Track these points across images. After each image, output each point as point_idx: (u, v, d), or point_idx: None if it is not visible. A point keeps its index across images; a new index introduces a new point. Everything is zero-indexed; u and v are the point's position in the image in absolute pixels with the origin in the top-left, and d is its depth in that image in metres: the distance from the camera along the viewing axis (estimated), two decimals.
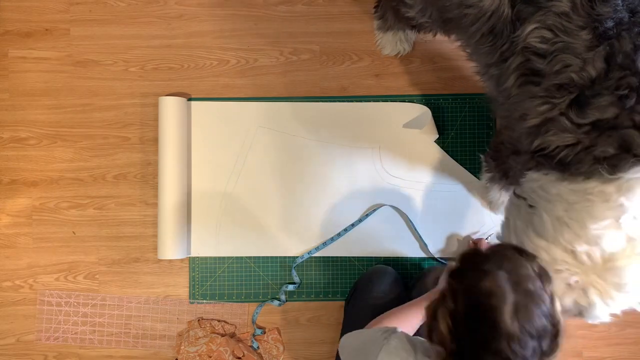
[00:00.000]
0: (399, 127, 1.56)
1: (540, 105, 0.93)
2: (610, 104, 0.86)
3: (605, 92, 0.87)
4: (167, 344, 1.56)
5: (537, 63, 0.93)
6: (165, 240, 1.49)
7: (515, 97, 0.99)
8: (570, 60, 0.89)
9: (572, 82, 0.89)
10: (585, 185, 0.91)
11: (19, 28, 1.59)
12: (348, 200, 1.56)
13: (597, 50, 0.87)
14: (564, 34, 0.90)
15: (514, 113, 1.00)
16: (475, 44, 1.05)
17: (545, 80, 0.92)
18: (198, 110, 1.58)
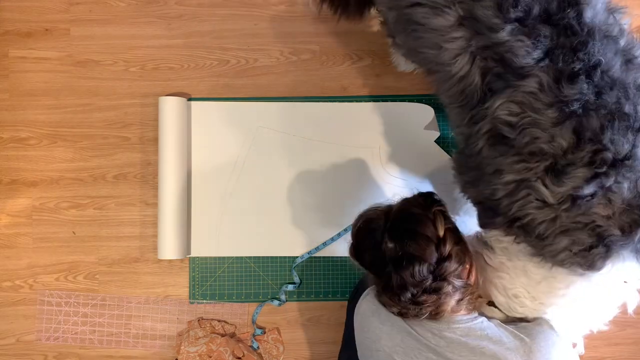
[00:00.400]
0: (399, 127, 1.56)
1: (516, 162, 0.94)
2: (586, 178, 0.87)
3: (579, 162, 0.88)
4: (167, 344, 1.56)
5: (507, 132, 0.95)
6: (165, 240, 1.49)
7: (487, 155, 0.99)
8: (539, 134, 0.91)
9: (543, 151, 0.91)
10: (554, 272, 0.97)
11: (19, 28, 1.59)
12: (348, 200, 1.56)
13: (564, 124, 0.89)
14: (532, 111, 0.91)
15: (486, 168, 1.01)
16: (448, 100, 1.06)
17: (516, 146, 0.94)
18: (198, 110, 1.58)
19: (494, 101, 0.95)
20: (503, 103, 0.94)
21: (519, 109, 0.93)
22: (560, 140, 0.89)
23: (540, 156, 0.91)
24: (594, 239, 0.90)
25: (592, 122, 0.88)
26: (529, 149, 0.92)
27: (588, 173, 0.87)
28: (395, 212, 1.04)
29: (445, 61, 0.98)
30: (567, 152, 0.89)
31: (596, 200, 0.88)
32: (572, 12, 0.90)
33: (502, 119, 0.94)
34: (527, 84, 0.91)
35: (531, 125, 0.92)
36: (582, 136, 0.88)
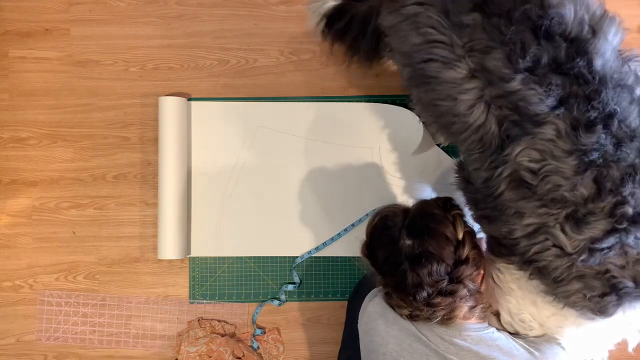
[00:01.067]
0: (399, 127, 1.56)
1: (538, 207, 0.94)
2: (606, 231, 0.88)
3: (599, 212, 0.89)
4: (167, 344, 1.56)
5: (529, 179, 0.95)
6: (165, 240, 1.49)
7: (509, 198, 0.99)
8: (561, 182, 0.92)
9: (565, 199, 0.92)
10: (565, 312, 0.98)
11: (19, 28, 1.59)
12: (348, 200, 1.56)
13: (584, 174, 0.90)
14: (552, 159, 0.92)
15: (506, 210, 1.00)
16: (466, 148, 1.06)
17: (538, 192, 0.94)
18: (198, 110, 1.58)
19: (514, 148, 0.95)
20: (523, 150, 0.94)
21: (540, 156, 0.93)
22: (581, 189, 0.90)
23: (562, 203, 0.92)
24: (607, 288, 0.91)
25: (612, 174, 0.88)
26: (551, 196, 0.93)
27: (608, 226, 0.88)
28: (414, 210, 1.04)
29: (461, 112, 1.00)
30: (587, 201, 0.89)
31: (613, 253, 0.90)
32: (581, 61, 0.90)
33: (524, 165, 0.94)
34: (544, 131, 0.92)
35: (553, 173, 0.92)
36: (603, 186, 0.88)
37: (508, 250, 1.03)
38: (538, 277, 0.99)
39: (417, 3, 1.02)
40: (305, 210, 1.56)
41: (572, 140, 0.90)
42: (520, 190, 0.96)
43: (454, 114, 1.01)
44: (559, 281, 0.95)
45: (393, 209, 1.06)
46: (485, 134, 0.99)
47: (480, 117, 0.98)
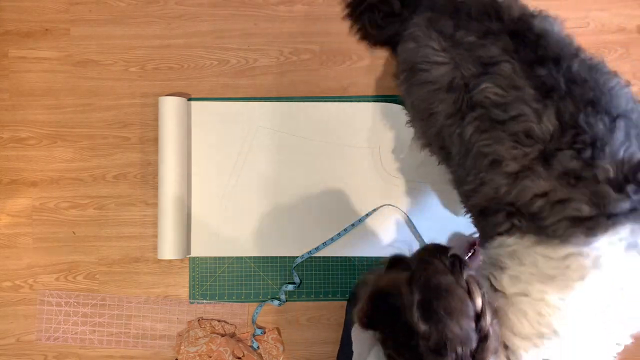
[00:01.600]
0: (399, 127, 1.56)
1: (512, 148, 1.00)
2: (572, 157, 0.95)
3: (564, 146, 0.96)
4: (167, 344, 1.56)
5: (495, 114, 1.03)
6: (165, 240, 1.49)
7: (481, 144, 1.05)
8: (525, 110, 0.99)
9: (534, 133, 0.98)
10: (562, 251, 0.95)
11: (19, 28, 1.59)
12: (348, 200, 1.56)
13: (545, 103, 0.98)
14: (513, 89, 1.02)
15: (483, 161, 1.05)
16: (443, 116, 1.14)
17: (507, 127, 1.01)
18: (198, 110, 1.58)
19: (478, 86, 1.05)
20: (486, 87, 1.04)
21: (502, 90, 1.02)
22: (547, 123, 0.97)
23: (533, 139, 0.98)
24: (590, 205, 0.93)
25: (568, 106, 0.97)
26: (520, 128, 0.99)
27: (572, 153, 0.95)
28: (423, 285, 0.87)
29: (433, 76, 1.13)
30: (553, 137, 0.97)
31: (585, 173, 0.94)
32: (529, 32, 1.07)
33: (490, 99, 1.03)
34: (502, 68, 1.03)
35: (517, 101, 1.00)
36: (563, 120, 0.97)
37: (495, 216, 1.04)
38: (525, 225, 0.99)
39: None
40: (305, 210, 1.56)
41: (527, 73, 1.01)
42: (492, 132, 1.03)
43: (429, 81, 1.13)
44: (543, 217, 0.96)
45: (393, 280, 0.91)
46: (453, 86, 1.10)
47: (448, 74, 1.10)
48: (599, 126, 0.95)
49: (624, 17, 1.59)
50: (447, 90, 1.10)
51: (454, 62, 1.09)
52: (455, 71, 1.09)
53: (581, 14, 1.18)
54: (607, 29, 1.58)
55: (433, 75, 1.12)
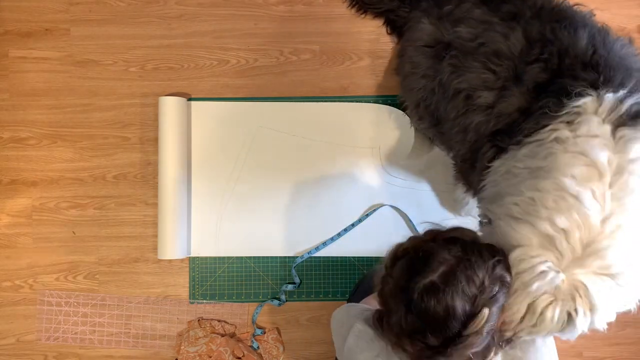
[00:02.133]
0: (399, 127, 1.56)
1: (483, 73, 1.05)
2: (540, 69, 0.99)
3: (532, 60, 1.01)
4: (167, 344, 1.56)
5: (466, 46, 1.10)
6: (165, 240, 1.49)
7: (455, 81, 1.11)
8: (492, 34, 1.07)
9: (502, 52, 1.04)
10: (541, 135, 0.95)
11: (19, 28, 1.59)
12: (348, 200, 1.56)
13: (511, 25, 1.05)
14: (482, 24, 1.10)
15: (459, 102, 1.11)
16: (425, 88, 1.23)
17: (478, 54, 1.07)
18: (198, 110, 1.58)
19: (454, 33, 1.13)
20: (459, 30, 1.12)
21: (473, 28, 1.10)
22: (514, 41, 1.03)
23: (504, 57, 1.03)
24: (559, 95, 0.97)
25: (535, 27, 1.04)
26: (489, 48, 1.06)
27: (540, 65, 1.01)
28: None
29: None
30: (522, 53, 1.02)
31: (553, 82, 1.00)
32: None
33: (462, 37, 1.11)
34: (473, 13, 1.12)
35: (485, 31, 1.08)
36: (530, 38, 1.02)
37: (481, 153, 1.07)
38: (507, 143, 1.02)
39: None
40: (305, 210, 1.56)
41: (494, 12, 1.10)
42: (465, 63, 1.09)
43: (414, 39, 1.23)
44: (523, 130, 0.99)
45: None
46: (434, 40, 1.19)
47: (430, 34, 1.20)
48: (564, 34, 1.00)
49: (624, 17, 1.59)
50: (427, 45, 1.19)
51: (436, 26, 1.19)
52: (437, 32, 1.18)
53: None
54: None
55: (417, 34, 1.22)
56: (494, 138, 1.05)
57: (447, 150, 1.30)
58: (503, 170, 1.01)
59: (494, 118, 1.04)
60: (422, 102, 1.27)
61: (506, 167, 1.01)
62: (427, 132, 1.38)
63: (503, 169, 1.02)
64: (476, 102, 1.07)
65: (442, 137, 1.30)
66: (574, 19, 1.05)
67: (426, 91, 1.24)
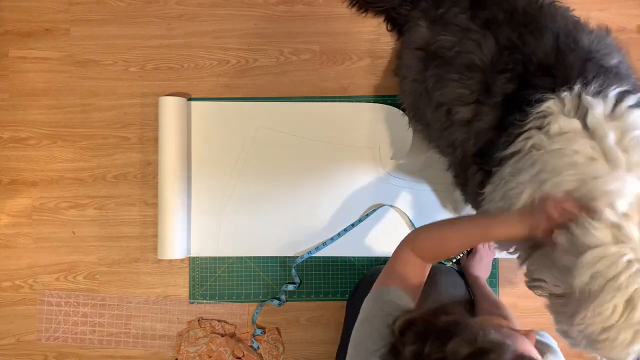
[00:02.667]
0: (399, 127, 1.56)
1: (458, 88, 1.07)
2: (507, 80, 1.00)
3: (500, 69, 1.02)
4: (167, 344, 1.56)
5: (446, 55, 1.11)
6: (165, 240, 1.49)
7: (437, 93, 1.12)
8: (467, 42, 1.08)
9: (474, 64, 1.04)
10: (517, 146, 0.96)
11: (19, 28, 1.59)
12: (348, 200, 1.56)
13: (484, 33, 1.05)
14: (461, 32, 1.10)
15: (441, 114, 1.12)
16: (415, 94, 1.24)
17: (455, 65, 1.08)
18: (198, 110, 1.58)
19: (438, 40, 1.14)
20: (442, 37, 1.13)
21: (453, 36, 1.11)
22: (486, 52, 1.04)
23: (475, 70, 1.05)
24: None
25: (506, 32, 1.04)
26: (464, 59, 1.07)
27: (508, 75, 1.01)
28: None
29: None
30: (493, 63, 1.03)
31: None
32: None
33: (444, 46, 1.12)
34: (458, 20, 1.12)
35: (462, 39, 1.09)
36: (501, 46, 1.03)
37: (471, 172, 1.07)
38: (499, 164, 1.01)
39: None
40: (305, 210, 1.56)
41: (474, 18, 1.10)
42: (444, 75, 1.10)
43: (410, 41, 1.24)
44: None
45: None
46: (424, 44, 1.19)
47: (424, 38, 1.20)
48: (530, 39, 1.01)
49: (624, 17, 1.59)
50: (420, 48, 1.20)
51: (430, 30, 1.19)
52: (429, 36, 1.18)
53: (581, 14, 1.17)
54: None
55: (413, 37, 1.23)
56: (479, 159, 1.04)
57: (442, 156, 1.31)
58: (499, 196, 0.99)
59: (474, 136, 1.05)
60: (414, 106, 1.28)
61: (501, 192, 0.99)
62: (422, 133, 1.38)
63: (498, 195, 1.00)
64: (456, 118, 1.07)
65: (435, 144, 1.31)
66: (542, 20, 1.04)
67: (415, 96, 1.24)
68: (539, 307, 1.58)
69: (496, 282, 1.57)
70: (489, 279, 1.54)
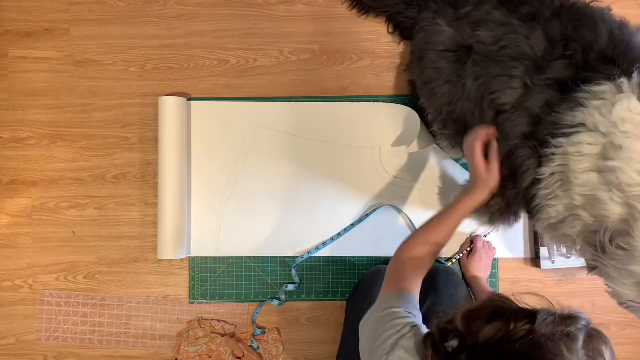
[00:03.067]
0: (399, 127, 1.56)
1: (505, 76, 1.06)
2: (565, 66, 1.00)
3: (558, 58, 1.02)
4: (167, 344, 1.56)
5: (488, 51, 1.11)
6: (165, 240, 1.49)
7: (479, 89, 1.12)
8: (513, 36, 1.07)
9: (524, 54, 1.05)
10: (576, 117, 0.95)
11: (19, 28, 1.59)
12: (348, 200, 1.56)
13: (531, 26, 1.05)
14: (502, 27, 1.10)
15: (482, 102, 1.12)
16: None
17: (500, 58, 1.08)
18: (198, 110, 1.58)
19: (474, 38, 1.14)
20: (480, 34, 1.13)
21: (493, 32, 1.11)
22: (537, 42, 1.04)
23: (523, 59, 1.05)
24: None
25: (555, 27, 1.05)
26: (511, 52, 1.06)
27: (565, 62, 1.02)
28: None
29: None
30: (545, 53, 1.03)
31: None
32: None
33: (484, 42, 1.12)
34: (492, 16, 1.12)
35: (506, 33, 1.09)
36: (552, 39, 1.03)
37: (523, 168, 1.04)
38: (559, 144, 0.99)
39: None
40: (305, 210, 1.56)
41: (513, 13, 1.10)
42: (487, 70, 1.10)
43: (437, 43, 1.24)
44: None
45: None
46: (455, 45, 1.20)
47: (451, 38, 1.21)
48: (586, 31, 1.01)
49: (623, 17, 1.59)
50: (450, 50, 1.19)
51: (456, 29, 1.19)
52: (457, 35, 1.18)
53: None
54: None
55: (437, 38, 1.22)
56: (528, 143, 1.02)
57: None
58: (557, 179, 0.96)
59: (522, 119, 1.03)
60: (446, 108, 1.25)
61: (563, 174, 0.95)
62: (449, 140, 1.33)
63: (558, 177, 0.96)
64: (502, 108, 1.06)
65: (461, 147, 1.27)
66: (594, 16, 1.06)
67: (451, 97, 1.22)
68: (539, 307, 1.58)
69: (496, 282, 1.57)
70: (489, 278, 1.54)
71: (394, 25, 1.54)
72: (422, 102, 1.38)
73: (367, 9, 1.54)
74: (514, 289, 1.57)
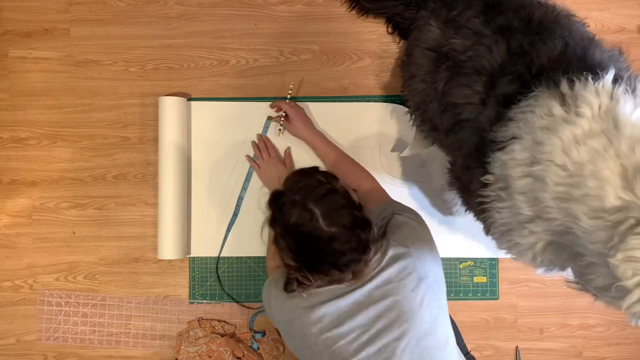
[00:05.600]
0: (399, 127, 1.56)
1: (466, 89, 1.09)
2: (510, 81, 1.02)
3: (507, 74, 1.04)
4: (167, 344, 1.56)
5: (458, 59, 1.13)
6: (165, 240, 1.49)
7: (447, 93, 1.14)
8: (479, 47, 1.09)
9: (484, 68, 1.07)
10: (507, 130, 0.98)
11: (19, 28, 1.59)
12: None
13: (496, 39, 1.07)
14: (474, 36, 1.12)
15: (450, 116, 1.14)
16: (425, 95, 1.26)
17: (465, 69, 1.10)
18: (198, 110, 1.58)
19: (450, 43, 1.15)
20: (455, 41, 1.15)
21: (466, 40, 1.12)
22: (496, 57, 1.06)
23: (483, 73, 1.07)
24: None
25: (518, 38, 1.06)
26: (475, 64, 1.09)
27: (511, 78, 1.03)
28: (316, 200, 1.05)
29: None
30: (502, 67, 1.05)
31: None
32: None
33: (456, 50, 1.14)
34: (470, 24, 1.14)
35: (475, 44, 1.11)
36: (512, 52, 1.05)
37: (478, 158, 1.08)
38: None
39: None
40: None
41: (489, 23, 1.12)
42: (454, 77, 1.12)
43: (422, 40, 1.26)
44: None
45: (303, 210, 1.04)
46: (436, 46, 1.21)
47: (436, 38, 1.22)
48: (539, 45, 1.03)
49: (624, 17, 1.59)
50: (431, 49, 1.21)
51: (442, 31, 1.21)
52: (441, 37, 1.20)
53: (581, 14, 1.18)
54: (607, 29, 1.58)
55: (425, 36, 1.25)
56: (479, 155, 1.06)
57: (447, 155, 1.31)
58: (499, 187, 1.02)
59: (476, 134, 1.07)
60: (422, 106, 1.27)
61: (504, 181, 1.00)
62: (427, 135, 1.38)
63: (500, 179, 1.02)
64: (462, 118, 1.09)
65: (440, 143, 1.31)
66: (556, 30, 1.06)
67: (424, 96, 1.25)
68: (539, 307, 1.59)
69: (496, 282, 1.57)
70: (490, 278, 1.54)
71: (394, 26, 1.54)
72: (405, 95, 1.41)
73: (366, 10, 1.54)
74: (514, 289, 1.57)
